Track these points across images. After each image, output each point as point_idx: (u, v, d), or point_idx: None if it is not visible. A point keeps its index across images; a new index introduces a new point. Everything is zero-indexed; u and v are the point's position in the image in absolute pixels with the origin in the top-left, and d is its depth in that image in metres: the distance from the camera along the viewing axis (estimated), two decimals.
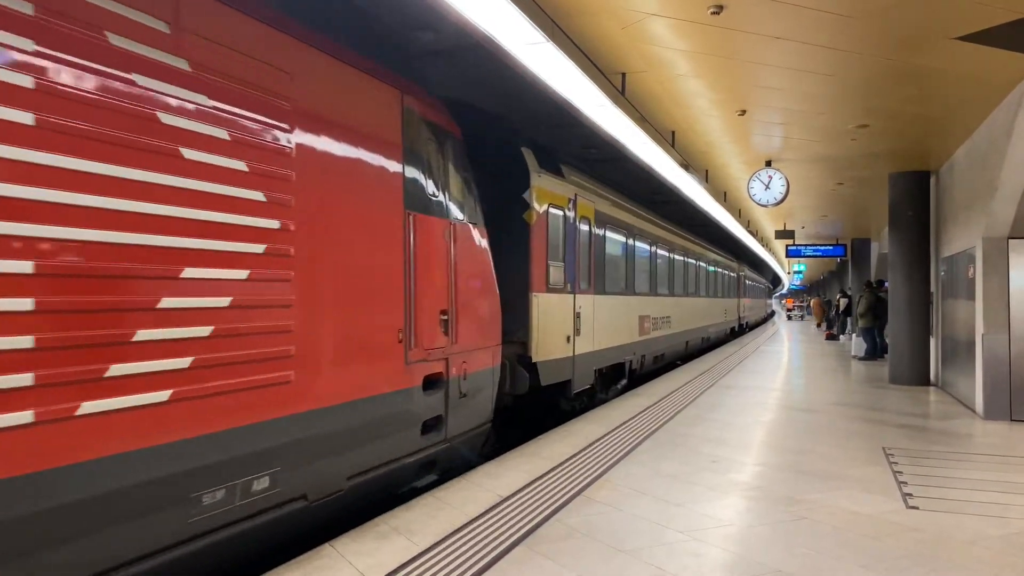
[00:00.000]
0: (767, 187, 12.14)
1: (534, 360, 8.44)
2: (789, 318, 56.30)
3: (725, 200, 17.04)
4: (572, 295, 9.73)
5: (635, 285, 13.24)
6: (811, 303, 45.12)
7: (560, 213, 9.43)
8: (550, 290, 8.92)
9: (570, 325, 9.60)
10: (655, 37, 6.65)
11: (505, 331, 7.78)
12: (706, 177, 13.92)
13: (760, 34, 6.48)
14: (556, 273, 9.19)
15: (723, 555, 4.46)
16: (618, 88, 7.76)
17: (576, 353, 9.79)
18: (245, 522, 4.07)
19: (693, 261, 19.76)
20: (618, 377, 12.41)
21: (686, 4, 5.85)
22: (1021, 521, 5.17)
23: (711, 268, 23.26)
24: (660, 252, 15.63)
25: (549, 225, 9.01)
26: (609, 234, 11.76)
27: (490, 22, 5.33)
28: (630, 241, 13.09)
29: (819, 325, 34.89)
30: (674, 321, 16.69)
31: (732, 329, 29.26)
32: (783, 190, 12.05)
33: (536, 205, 8.64)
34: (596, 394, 11.08)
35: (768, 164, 12.26)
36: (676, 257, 17.45)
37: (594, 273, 10.78)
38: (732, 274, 29.37)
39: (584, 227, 10.46)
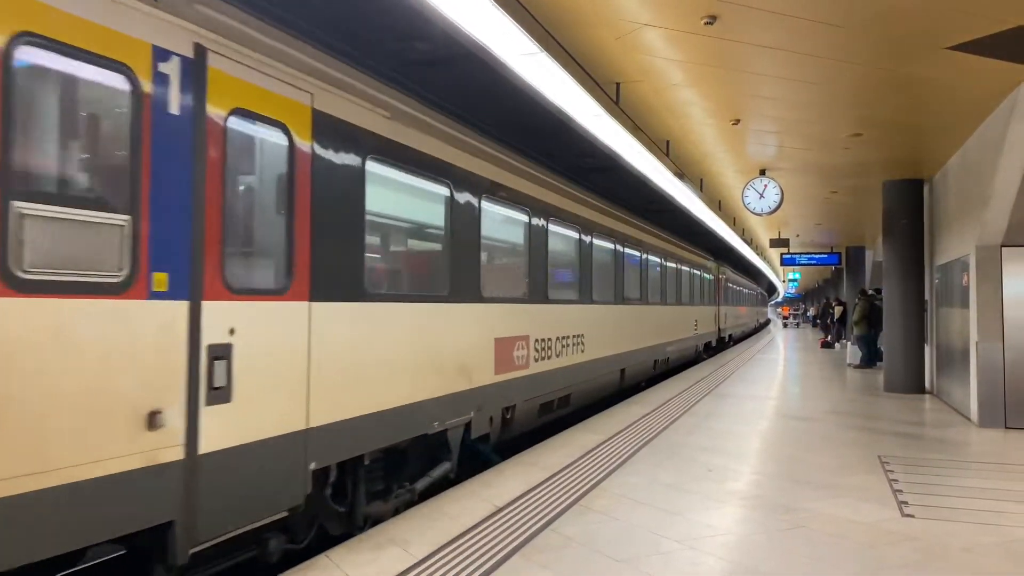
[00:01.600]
0: (761, 196, 12.23)
1: None
2: (785, 326, 57.49)
3: (720, 209, 17.12)
4: (186, 303, 3.90)
5: (482, 283, 7.33)
6: (816, 311, 45.43)
7: (101, 80, 3.54)
8: (25, 289, 3.13)
9: (162, 381, 3.75)
10: (649, 47, 6.69)
11: None
12: (701, 186, 13.99)
13: (753, 44, 6.52)
14: (69, 238, 3.34)
15: (720, 564, 4.45)
16: (612, 98, 7.80)
17: (204, 450, 3.95)
18: None
19: (635, 253, 13.80)
20: (429, 461, 6.57)
21: (679, 15, 5.89)
22: (1017, 529, 5.17)
23: (670, 265, 17.13)
24: (560, 232, 9.81)
25: (17, 94, 3.14)
26: (377, 170, 5.66)
27: (484, 32, 5.36)
28: (467, 200, 7.08)
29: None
30: (592, 342, 10.79)
31: (708, 344, 23.01)
32: (777, 199, 12.14)
33: None
34: (337, 514, 5.35)
35: (762, 173, 12.34)
36: (598, 243, 11.37)
37: (309, 251, 4.80)
38: (707, 275, 23.01)
39: (248, 132, 4.46)
